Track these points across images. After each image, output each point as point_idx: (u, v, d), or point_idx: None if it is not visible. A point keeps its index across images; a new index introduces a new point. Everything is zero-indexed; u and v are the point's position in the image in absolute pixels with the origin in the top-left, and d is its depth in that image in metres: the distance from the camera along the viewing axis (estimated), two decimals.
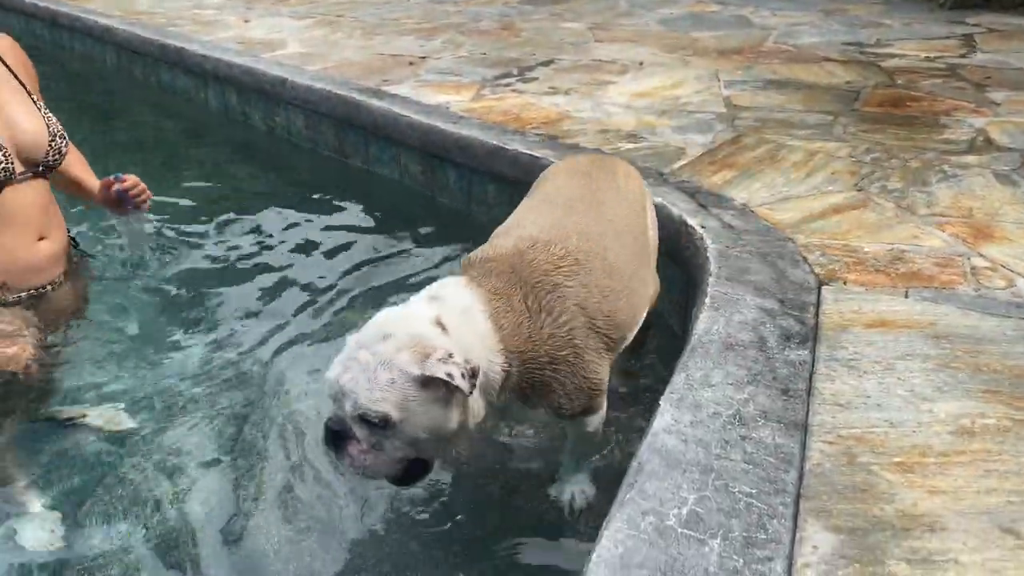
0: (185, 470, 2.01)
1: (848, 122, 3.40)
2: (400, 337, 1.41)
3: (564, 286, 1.57)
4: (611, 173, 1.90)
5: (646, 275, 1.81)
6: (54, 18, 6.79)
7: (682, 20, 5.86)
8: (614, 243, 1.72)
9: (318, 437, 1.98)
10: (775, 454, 1.43)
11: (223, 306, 2.73)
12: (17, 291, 2.07)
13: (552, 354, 1.55)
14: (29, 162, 2.05)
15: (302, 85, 4.09)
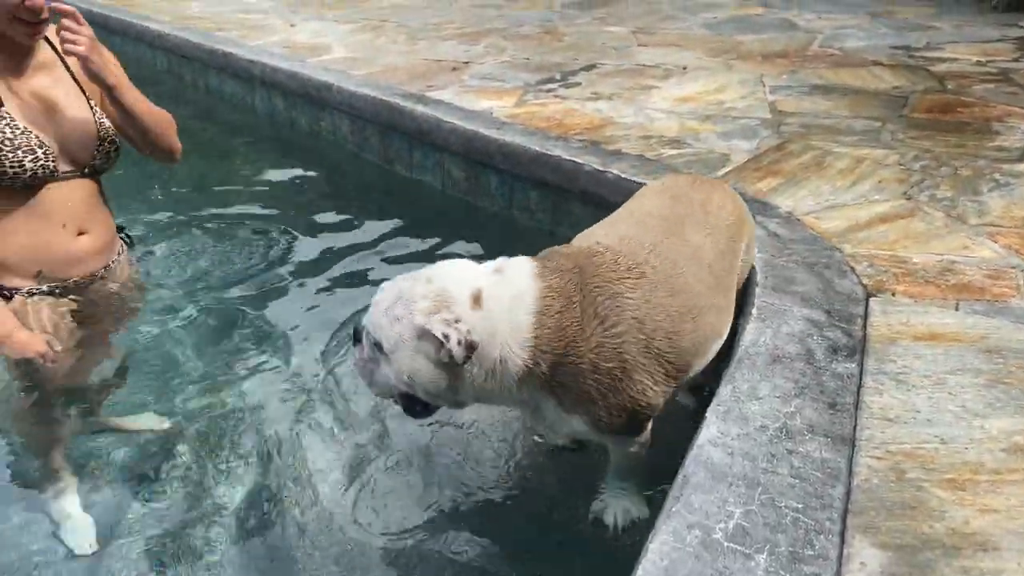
0: (225, 474, 2.05)
1: (896, 128, 3.35)
2: (434, 287, 1.49)
3: (625, 296, 1.53)
4: (702, 197, 1.85)
5: (721, 304, 1.74)
6: (106, 23, 6.96)
7: (726, 24, 5.82)
8: (688, 266, 1.67)
9: (365, 441, 2.02)
10: (822, 469, 1.42)
11: (266, 307, 2.79)
12: (53, 281, 2.13)
13: (596, 363, 1.51)
14: (75, 162, 2.12)
15: (347, 90, 4.15)
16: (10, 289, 2.08)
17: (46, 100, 2.08)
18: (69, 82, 2.14)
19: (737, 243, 1.85)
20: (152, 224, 3.35)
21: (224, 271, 2.99)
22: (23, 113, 2.02)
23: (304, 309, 2.79)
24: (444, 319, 1.43)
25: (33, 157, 1.99)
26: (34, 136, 2.00)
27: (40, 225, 2.08)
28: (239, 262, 3.08)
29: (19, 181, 1.99)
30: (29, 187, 2.03)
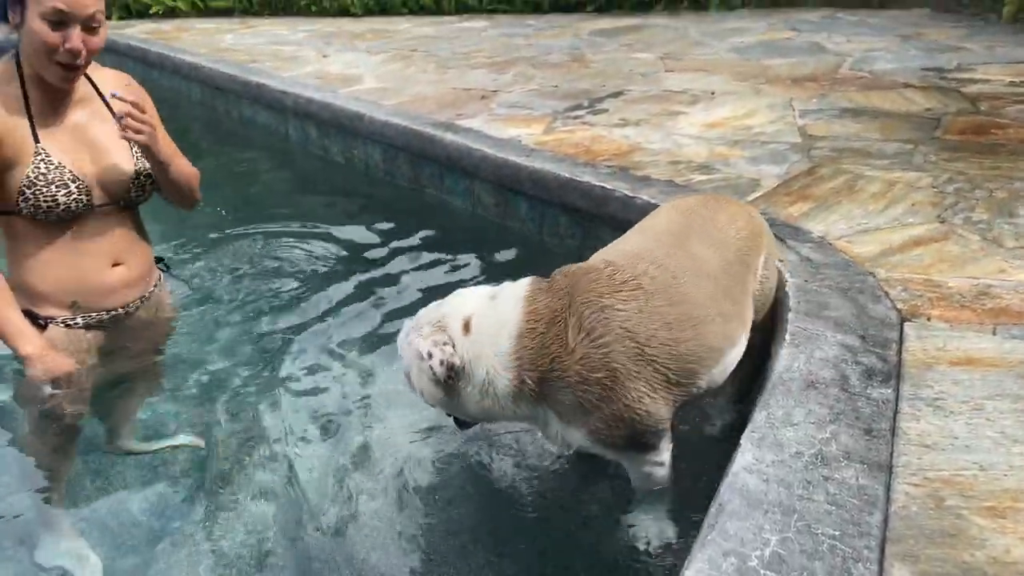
0: (258, 494, 2.07)
1: (929, 151, 3.33)
2: (439, 313, 1.70)
3: (614, 309, 1.60)
4: (713, 213, 1.89)
5: (729, 312, 1.76)
6: (144, 57, 7.15)
7: (754, 48, 5.83)
8: (689, 276, 1.71)
9: (401, 468, 2.04)
10: (859, 496, 1.41)
11: (298, 328, 2.83)
12: (88, 311, 2.17)
13: (583, 374, 1.58)
14: (112, 195, 2.16)
15: (379, 120, 4.21)
16: (45, 318, 2.13)
17: (83, 136, 2.13)
18: (106, 116, 2.19)
19: (750, 256, 1.88)
20: (187, 248, 3.41)
21: (258, 293, 3.04)
22: (59, 149, 2.07)
23: (337, 330, 2.82)
24: (434, 341, 1.63)
25: (66, 191, 2.04)
26: (68, 171, 2.05)
27: (75, 257, 2.13)
28: (273, 284, 3.14)
29: (53, 215, 2.05)
30: (64, 220, 2.08)
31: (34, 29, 1.92)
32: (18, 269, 2.13)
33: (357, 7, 8.78)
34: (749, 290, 1.87)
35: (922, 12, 7.05)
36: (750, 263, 1.88)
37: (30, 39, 1.95)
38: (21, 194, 2.02)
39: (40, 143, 2.04)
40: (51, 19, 1.90)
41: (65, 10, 1.90)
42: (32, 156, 2.02)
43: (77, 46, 1.94)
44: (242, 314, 2.88)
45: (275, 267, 3.32)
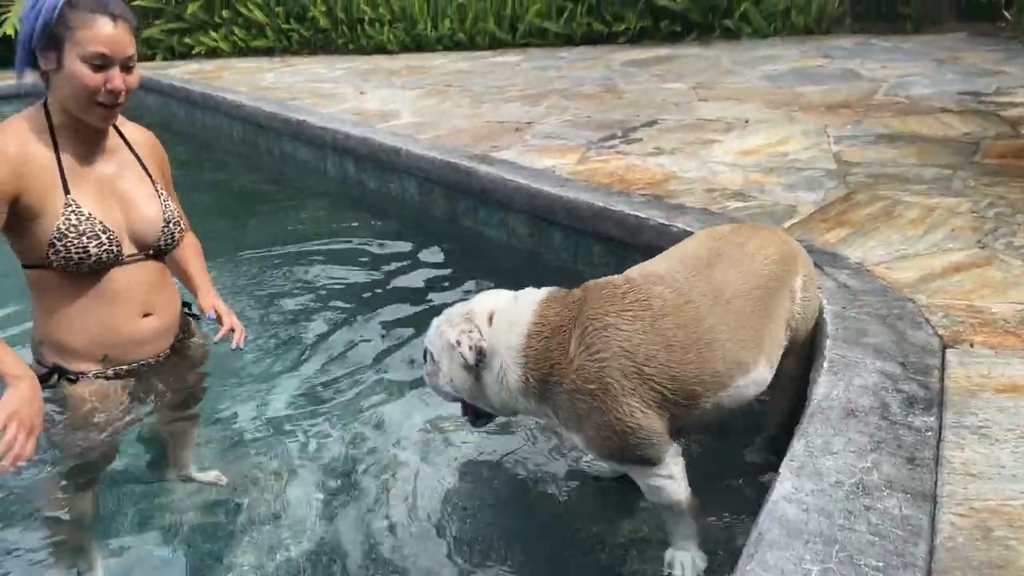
0: (289, 528, 2.09)
1: (967, 175, 3.29)
2: (467, 308, 1.85)
3: (616, 328, 1.68)
4: (744, 240, 1.89)
5: (744, 339, 1.77)
6: (188, 96, 7.36)
7: (787, 76, 5.83)
8: (705, 302, 1.74)
9: (438, 508, 2.05)
10: (902, 526, 1.38)
11: (335, 364, 2.84)
12: (118, 364, 2.15)
13: (577, 384, 1.68)
14: (141, 244, 2.15)
15: (415, 154, 4.28)
16: (76, 373, 2.10)
17: (113, 185, 2.12)
18: (135, 166, 2.20)
19: (782, 283, 1.88)
20: (226, 284, 3.48)
21: (293, 326, 3.09)
22: (90, 199, 2.05)
23: (373, 362, 2.85)
24: (463, 330, 1.78)
25: (97, 242, 2.01)
26: (98, 222, 2.03)
27: (105, 309, 2.10)
28: (309, 316, 3.18)
29: (84, 266, 2.02)
30: (94, 272, 2.06)
31: (75, 73, 1.93)
32: (47, 323, 2.11)
33: (393, 44, 8.95)
34: (776, 317, 1.86)
35: (958, 36, 7.00)
36: (780, 290, 1.87)
37: (70, 83, 1.95)
38: (51, 246, 1.99)
39: (70, 194, 2.02)
40: (93, 62, 1.92)
41: (107, 53, 1.93)
42: (62, 207, 2.00)
43: (119, 86, 1.97)
44: (276, 347, 2.92)
45: (310, 300, 3.37)
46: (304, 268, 3.73)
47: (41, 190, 1.99)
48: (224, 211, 4.90)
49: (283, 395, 2.64)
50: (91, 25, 1.92)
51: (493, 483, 2.22)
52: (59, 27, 1.92)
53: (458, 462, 2.29)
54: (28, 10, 1.96)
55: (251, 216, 4.71)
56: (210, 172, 6.00)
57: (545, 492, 2.16)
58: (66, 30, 1.92)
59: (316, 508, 2.15)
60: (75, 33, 1.92)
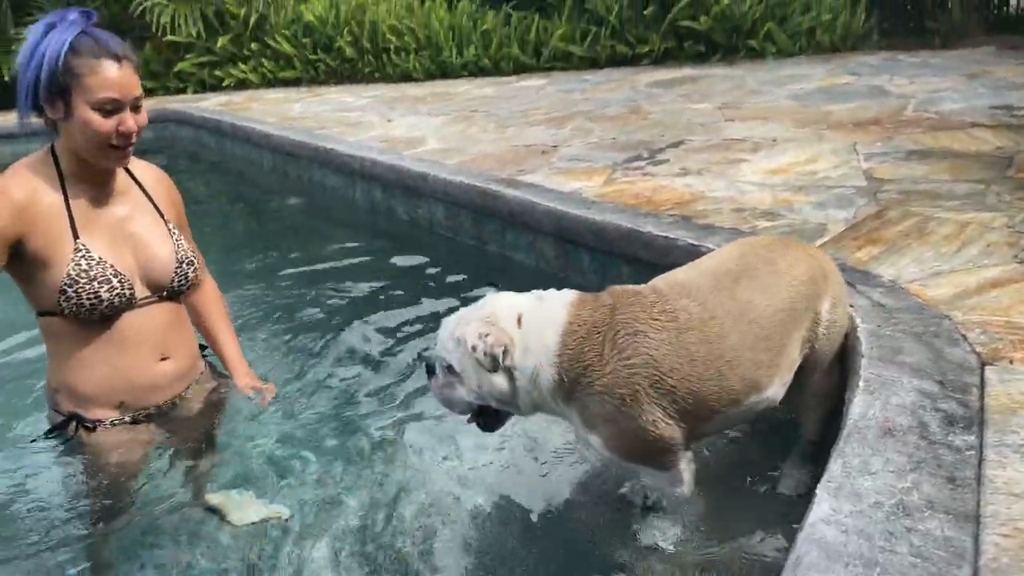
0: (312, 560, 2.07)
1: (1002, 190, 3.24)
2: (485, 311, 1.79)
3: (646, 335, 1.70)
4: (774, 257, 1.88)
5: (762, 360, 1.77)
6: (218, 127, 7.50)
7: (814, 95, 5.80)
8: (728, 319, 1.75)
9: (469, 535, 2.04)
10: (945, 547, 1.35)
11: (361, 390, 2.84)
12: (136, 410, 2.13)
13: (608, 387, 1.70)
14: (154, 287, 2.13)
15: (442, 179, 4.32)
16: (93, 421, 2.08)
17: (124, 228, 2.10)
18: (146, 206, 2.17)
19: (808, 303, 1.86)
20: (256, 311, 3.51)
21: (320, 354, 3.10)
22: (101, 243, 2.02)
23: (399, 390, 2.85)
24: (479, 332, 1.73)
25: (109, 287, 1.99)
26: (109, 266, 2.00)
27: (121, 354, 2.07)
28: (338, 340, 3.19)
29: (96, 312, 1.99)
30: (107, 317, 2.02)
31: (86, 120, 1.91)
32: (61, 371, 2.08)
33: (419, 72, 9.06)
34: (797, 338, 1.85)
35: (987, 50, 6.93)
36: (804, 312, 1.86)
37: (81, 131, 1.93)
38: (62, 293, 1.96)
39: (80, 239, 1.99)
40: (104, 108, 1.90)
41: (117, 97, 1.91)
42: (72, 253, 1.97)
43: (132, 128, 1.96)
44: (300, 374, 2.93)
45: (338, 324, 3.39)
46: (332, 292, 3.77)
47: (50, 236, 1.96)
48: (254, 238, 4.97)
49: (305, 420, 2.64)
50: (97, 71, 1.89)
51: (508, 499, 2.20)
52: (64, 76, 1.88)
53: (499, 503, 2.28)
54: (27, 59, 1.91)
55: (280, 242, 4.77)
56: (241, 200, 6.10)
57: (560, 503, 2.15)
58: (72, 78, 1.88)
59: (338, 533, 2.15)
60: (82, 80, 1.89)
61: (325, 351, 3.15)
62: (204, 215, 5.40)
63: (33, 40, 1.91)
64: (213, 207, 5.95)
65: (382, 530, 2.14)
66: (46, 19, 1.94)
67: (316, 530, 2.15)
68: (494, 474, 2.32)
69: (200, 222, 3.95)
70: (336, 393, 2.82)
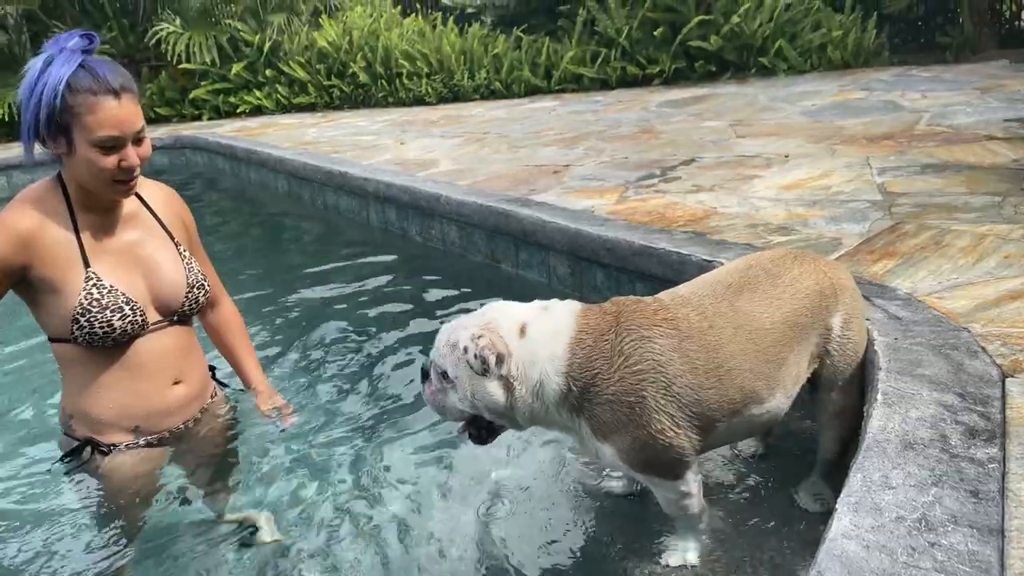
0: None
1: (1019, 202, 3.21)
2: (485, 319, 1.75)
3: (652, 341, 1.70)
4: (780, 271, 1.87)
5: (762, 371, 1.76)
6: (233, 152, 7.57)
7: (826, 110, 5.79)
8: (728, 330, 1.74)
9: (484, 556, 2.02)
10: (970, 562, 1.32)
11: (373, 409, 2.83)
12: (150, 434, 2.11)
13: (617, 394, 1.68)
14: (165, 311, 2.12)
15: (455, 200, 4.33)
16: (108, 445, 2.08)
17: (135, 253, 2.08)
18: (157, 230, 2.16)
19: (814, 317, 1.84)
20: (271, 328, 3.52)
21: (329, 373, 3.10)
22: (111, 270, 2.01)
23: (406, 408, 2.84)
24: (472, 335, 1.69)
25: (121, 315, 1.98)
26: (121, 294, 1.99)
27: (135, 380, 2.06)
28: (347, 363, 3.19)
29: (109, 340, 1.99)
30: (120, 344, 2.02)
31: (88, 158, 1.89)
32: (76, 397, 2.07)
33: (431, 96, 9.14)
34: (802, 352, 1.83)
35: (999, 64, 6.92)
36: (811, 326, 1.84)
37: (85, 167, 1.91)
38: (75, 322, 1.95)
39: (91, 267, 1.98)
40: (105, 145, 1.88)
41: (118, 135, 1.89)
42: (83, 282, 1.96)
43: (135, 162, 1.94)
44: (312, 390, 2.93)
45: (354, 349, 3.39)
46: (347, 313, 3.77)
47: (59, 266, 1.95)
48: (269, 260, 5.00)
49: (319, 441, 2.63)
50: (96, 110, 1.85)
51: (510, 498, 2.18)
52: (63, 114, 1.85)
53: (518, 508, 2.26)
54: (27, 95, 1.88)
55: (295, 264, 4.80)
56: (256, 224, 6.14)
57: (560, 504, 2.12)
58: (71, 117, 1.86)
59: (354, 544, 2.13)
60: (81, 119, 1.86)
61: (340, 372, 3.15)
62: (220, 239, 5.44)
63: (32, 76, 1.88)
64: (229, 231, 6.00)
65: (397, 554, 2.13)
66: (46, 51, 1.90)
67: (327, 552, 2.14)
68: (517, 502, 2.31)
69: (216, 245, 3.97)
70: (349, 415, 2.82)
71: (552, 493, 2.27)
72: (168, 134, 8.83)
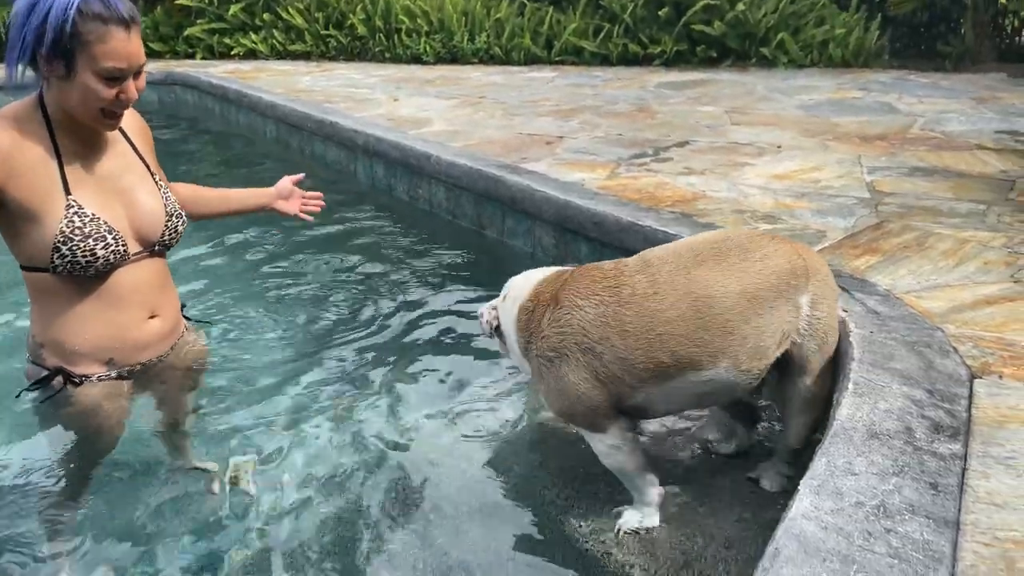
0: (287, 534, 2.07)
1: (1003, 211, 3.24)
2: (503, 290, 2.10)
3: (582, 311, 1.88)
4: (751, 247, 1.89)
5: (705, 340, 1.82)
6: (224, 94, 7.45)
7: (822, 106, 5.80)
8: (673, 296, 1.82)
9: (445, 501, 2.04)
10: (923, 550, 1.35)
11: (348, 364, 2.84)
12: (123, 367, 2.10)
13: (544, 350, 1.93)
14: (144, 242, 2.09)
15: (445, 160, 4.30)
16: (80, 376, 2.06)
17: (113, 183, 2.04)
18: (134, 160, 2.12)
19: (780, 295, 1.86)
20: (240, 276, 3.49)
21: (309, 329, 3.09)
22: (92, 198, 1.97)
23: (383, 363, 2.84)
24: (481, 311, 2.13)
25: (104, 244, 1.95)
26: (103, 222, 1.96)
27: (112, 311, 2.04)
28: (324, 315, 3.19)
29: (91, 269, 1.95)
30: (100, 273, 1.99)
31: (89, 87, 1.84)
32: (49, 327, 2.03)
33: (429, 55, 9.03)
34: (764, 328, 1.85)
35: (996, 77, 6.95)
36: (776, 301, 1.85)
37: (81, 95, 1.85)
38: (56, 251, 1.91)
39: (72, 195, 1.93)
40: (110, 76, 1.83)
41: (125, 68, 1.84)
42: (64, 209, 1.91)
43: (133, 96, 1.90)
44: (284, 342, 2.91)
45: (323, 295, 3.39)
46: (321, 264, 3.76)
47: (38, 190, 1.90)
48: None
49: (288, 387, 2.64)
50: (106, 39, 1.79)
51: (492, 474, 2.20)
52: (72, 40, 1.78)
53: (460, 458, 2.28)
54: (25, 15, 1.80)
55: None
56: (241, 167, 6.07)
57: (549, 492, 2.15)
58: (78, 43, 1.78)
59: (316, 498, 2.15)
60: (90, 48, 1.79)
61: (313, 322, 3.14)
62: (199, 180, 5.36)
63: None
64: (207, 169, 5.93)
65: (367, 503, 2.15)
66: None
67: (295, 496, 2.15)
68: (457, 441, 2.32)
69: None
70: (321, 363, 2.82)
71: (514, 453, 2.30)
72: (160, 70, 8.66)
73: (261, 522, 2.08)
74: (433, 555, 1.94)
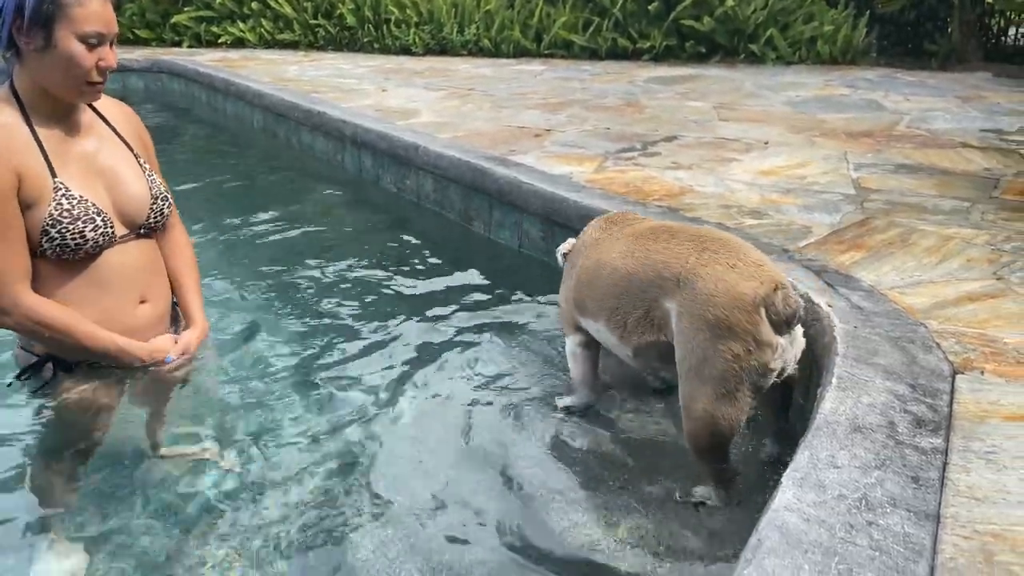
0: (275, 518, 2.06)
1: (986, 209, 3.27)
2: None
3: (585, 235, 2.39)
4: (661, 239, 2.05)
5: (597, 296, 2.19)
6: (211, 82, 7.40)
7: (810, 103, 5.82)
8: (601, 255, 2.20)
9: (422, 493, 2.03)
10: (904, 543, 1.36)
11: (334, 355, 2.82)
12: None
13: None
14: (130, 223, 2.09)
15: (433, 151, 4.29)
16: (71, 362, 2.05)
17: (95, 164, 2.04)
18: (115, 142, 2.12)
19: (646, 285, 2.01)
20: (226, 264, 3.47)
21: (288, 321, 3.07)
22: (76, 180, 1.97)
23: (373, 353, 2.83)
24: (560, 245, 2.51)
25: (93, 226, 1.95)
26: (91, 204, 1.95)
27: (100, 296, 2.03)
28: (303, 311, 3.16)
29: (80, 252, 1.95)
30: (89, 256, 1.98)
31: (71, 53, 1.86)
32: None
33: (418, 46, 8.99)
34: (631, 304, 2.06)
35: (982, 76, 6.99)
36: (643, 292, 2.02)
37: (62, 63, 1.87)
38: (45, 234, 1.91)
39: (57, 177, 1.93)
40: (89, 41, 1.86)
41: (104, 32, 1.88)
42: (52, 192, 1.91)
43: (113, 64, 1.92)
44: (271, 332, 2.89)
45: (310, 285, 3.36)
46: (307, 255, 3.72)
47: (31, 177, 1.90)
48: (236, 195, 4.91)
49: (275, 377, 2.62)
50: (84, 3, 1.84)
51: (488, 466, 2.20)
52: (50, 5, 1.82)
53: (446, 446, 2.28)
54: None
55: (263, 202, 4.71)
56: (228, 157, 6.02)
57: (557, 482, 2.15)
58: (57, 8, 1.83)
59: (305, 485, 2.13)
60: (68, 11, 1.83)
61: (295, 311, 3.12)
62: (185, 169, 5.33)
63: None
64: (196, 161, 5.88)
65: (346, 492, 2.14)
66: None
67: (272, 483, 2.14)
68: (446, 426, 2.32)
69: (180, 175, 3.88)
70: (301, 353, 2.80)
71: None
72: (146, 57, 8.59)
73: (248, 514, 2.07)
74: (425, 549, 1.94)
